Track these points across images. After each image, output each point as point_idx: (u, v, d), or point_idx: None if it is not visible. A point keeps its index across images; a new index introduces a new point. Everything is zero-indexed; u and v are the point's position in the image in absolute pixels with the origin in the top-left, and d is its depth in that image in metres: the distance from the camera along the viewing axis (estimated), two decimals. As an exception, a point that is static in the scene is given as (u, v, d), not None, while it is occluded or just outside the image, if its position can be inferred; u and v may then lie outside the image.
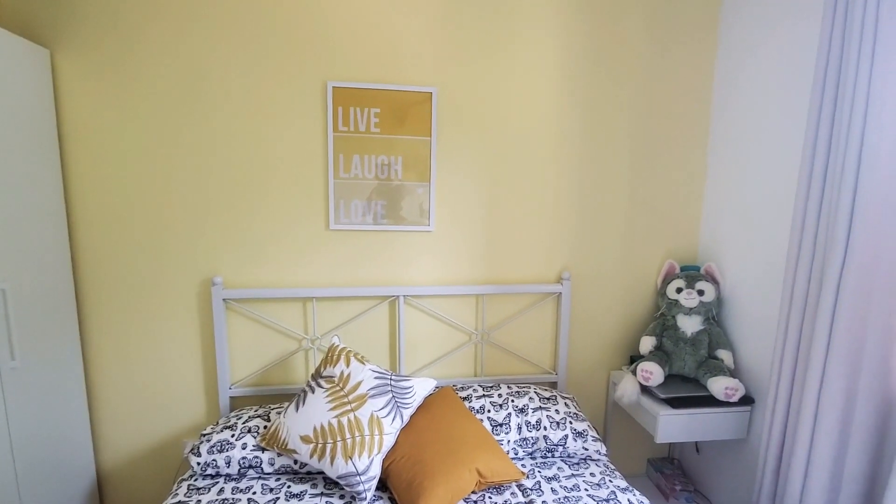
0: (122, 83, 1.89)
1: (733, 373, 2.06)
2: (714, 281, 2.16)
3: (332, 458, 1.56)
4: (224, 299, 2.00)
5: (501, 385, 2.09)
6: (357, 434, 1.59)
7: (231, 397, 2.08)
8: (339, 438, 1.58)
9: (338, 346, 1.84)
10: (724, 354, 2.06)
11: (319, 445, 1.59)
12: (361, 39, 1.99)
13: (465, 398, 1.97)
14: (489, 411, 1.91)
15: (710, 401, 1.95)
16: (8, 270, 1.60)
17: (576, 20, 2.11)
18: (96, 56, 1.87)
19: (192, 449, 1.70)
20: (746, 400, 1.95)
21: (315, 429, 1.61)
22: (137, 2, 1.86)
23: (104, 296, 1.99)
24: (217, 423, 1.85)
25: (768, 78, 1.92)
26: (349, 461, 1.55)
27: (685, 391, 2.00)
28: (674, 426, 1.92)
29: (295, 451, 1.62)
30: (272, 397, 2.13)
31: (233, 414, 1.91)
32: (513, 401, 1.96)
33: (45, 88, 1.81)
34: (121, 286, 2.00)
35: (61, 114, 1.89)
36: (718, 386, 1.91)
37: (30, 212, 1.71)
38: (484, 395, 1.99)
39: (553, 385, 2.33)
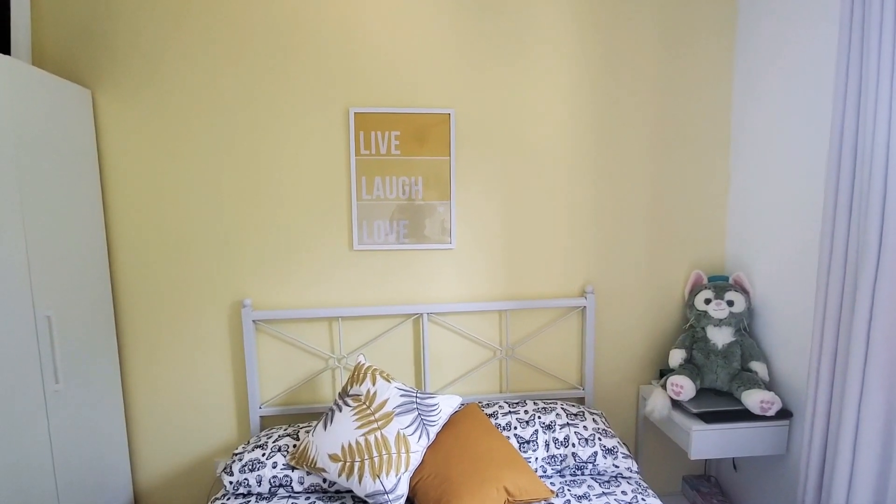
0: (159, 120, 2.01)
1: (768, 385, 1.99)
2: (744, 291, 2.10)
3: (361, 477, 1.57)
4: (254, 320, 2.06)
5: (527, 401, 2.07)
6: (384, 452, 1.60)
7: (261, 416, 2.13)
8: (366, 457, 1.60)
9: (363, 364, 1.87)
10: (757, 366, 2.00)
11: (348, 464, 1.60)
12: (381, 66, 2.06)
13: (490, 415, 1.97)
14: (516, 428, 1.89)
15: (746, 415, 1.88)
16: (53, 299, 1.69)
17: (588, 31, 2.12)
18: (135, 95, 2.00)
19: (225, 468, 1.74)
20: (784, 413, 1.88)
21: (343, 447, 1.63)
22: (172, 44, 1.98)
23: (141, 322, 2.08)
24: (248, 442, 1.89)
25: (789, 81, 1.89)
26: (377, 479, 1.56)
27: (718, 405, 1.94)
28: (708, 442, 1.87)
29: (324, 470, 1.64)
30: (301, 416, 2.16)
31: (263, 433, 1.95)
32: (539, 417, 1.94)
33: (87, 127, 1.93)
34: (156, 312, 2.08)
35: (102, 150, 2.01)
36: (753, 399, 1.85)
37: (73, 244, 1.81)
38: (510, 412, 1.98)
39: (580, 401, 2.30)
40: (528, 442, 1.85)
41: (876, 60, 1.35)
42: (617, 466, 1.82)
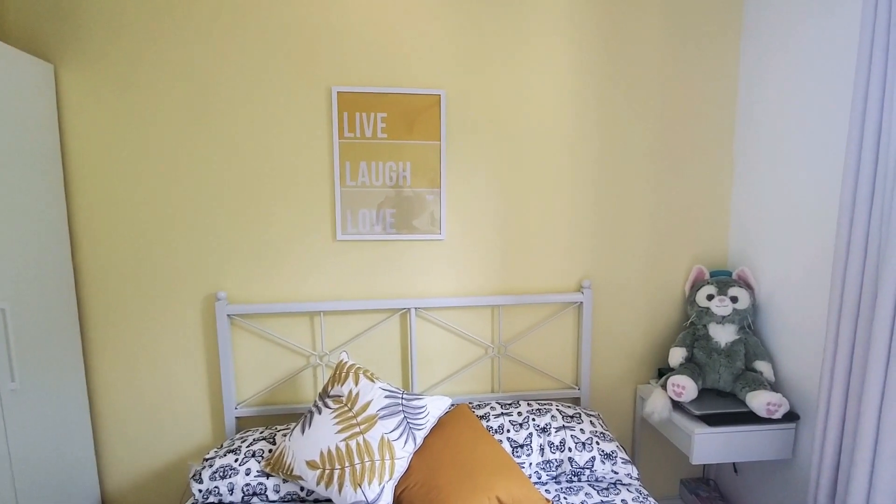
0: (126, 96, 1.85)
1: (774, 386, 1.90)
2: (748, 286, 2.00)
3: (341, 486, 1.44)
4: (229, 315, 1.92)
5: (521, 402, 1.95)
6: (367, 459, 1.48)
7: (237, 417, 1.99)
8: (347, 464, 1.47)
9: (346, 362, 1.74)
10: (762, 366, 1.90)
11: (326, 472, 1.47)
12: (366, 42, 1.92)
13: (482, 417, 1.85)
14: (508, 431, 1.78)
15: (750, 417, 1.79)
16: (8, 289, 1.55)
17: (590, 18, 2.01)
18: (100, 70, 1.83)
19: (194, 475, 1.61)
20: (790, 416, 1.79)
21: (322, 453, 1.50)
22: (141, 16, 1.82)
23: (107, 314, 1.93)
24: (221, 446, 1.75)
25: (799, 69, 1.79)
26: (358, 489, 1.43)
27: (722, 407, 1.84)
28: (711, 445, 1.77)
29: (301, 478, 1.51)
30: (280, 417, 2.03)
31: (237, 436, 1.81)
32: (534, 419, 1.82)
33: (48, 103, 1.78)
34: (124, 303, 1.93)
35: (64, 128, 1.85)
36: (759, 401, 1.75)
37: (31, 228, 1.67)
38: (503, 413, 1.86)
39: (576, 401, 2.19)
40: (521, 446, 1.74)
41: None
42: (616, 472, 1.71)
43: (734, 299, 1.96)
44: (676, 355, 2.02)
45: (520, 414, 1.85)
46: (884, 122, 1.33)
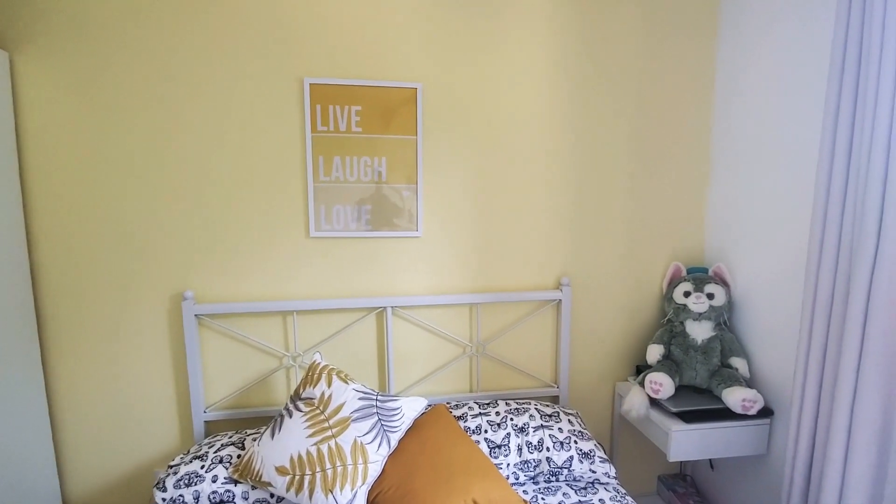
0: (87, 88, 1.75)
1: (749, 382, 1.91)
2: (724, 283, 2.01)
3: (311, 492, 1.39)
4: (196, 315, 1.84)
5: (499, 402, 1.93)
6: (339, 464, 1.43)
7: (206, 422, 1.92)
8: (318, 469, 1.42)
9: (319, 363, 1.69)
10: (738, 362, 1.91)
11: (297, 477, 1.42)
12: (340, 32, 1.86)
13: (459, 417, 1.81)
14: (486, 431, 1.75)
15: (726, 414, 1.79)
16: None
17: (568, 14, 1.98)
18: (59, 59, 1.73)
19: (158, 483, 1.54)
20: (765, 412, 1.80)
21: (292, 458, 1.45)
22: (106, 4, 1.72)
23: (67, 313, 1.83)
24: (187, 451, 1.68)
25: (774, 69, 1.80)
26: (329, 495, 1.38)
27: (698, 404, 1.85)
28: (688, 442, 1.77)
29: (270, 484, 1.46)
30: (252, 421, 1.97)
31: (205, 441, 1.74)
32: (512, 419, 1.80)
33: (3, 94, 1.67)
34: (86, 304, 1.84)
35: (20, 120, 1.74)
36: (735, 398, 1.75)
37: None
38: (480, 413, 1.83)
39: (555, 399, 2.17)
40: (499, 447, 1.71)
41: (879, 38, 1.24)
42: (594, 472, 1.70)
43: (710, 296, 1.96)
44: (654, 352, 2.02)
45: (498, 414, 1.83)
46: (856, 122, 1.34)
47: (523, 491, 1.66)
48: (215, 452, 1.63)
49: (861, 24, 1.31)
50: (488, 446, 1.71)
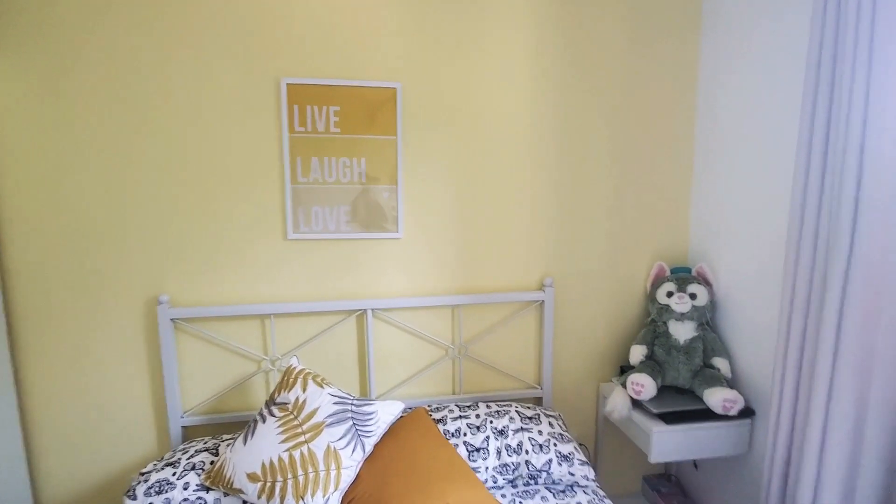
0: (55, 86, 1.71)
1: (731, 382, 1.90)
2: (707, 283, 2.00)
3: (283, 499, 1.37)
4: (172, 319, 1.81)
5: (480, 404, 1.91)
6: (311, 470, 1.40)
7: (183, 427, 1.89)
8: (290, 475, 1.39)
9: (295, 367, 1.66)
10: (720, 363, 1.90)
11: (268, 484, 1.40)
12: (318, 31, 1.83)
13: (439, 420, 1.79)
14: (465, 435, 1.73)
15: (708, 414, 1.78)
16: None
17: (550, 14, 1.97)
18: (25, 55, 1.68)
19: (128, 491, 1.51)
20: (746, 412, 1.79)
21: (264, 464, 1.42)
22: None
23: (39, 317, 1.79)
24: (161, 458, 1.65)
25: (755, 70, 1.80)
26: (301, 501, 1.36)
27: (680, 404, 1.84)
28: (669, 443, 1.76)
29: (241, 491, 1.43)
30: (230, 426, 1.93)
31: (180, 448, 1.72)
32: (492, 422, 1.78)
33: (-36, 92, 1.64)
34: (59, 307, 1.80)
35: (-12, 120, 1.71)
36: (716, 398, 1.74)
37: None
38: (460, 416, 1.81)
39: (538, 401, 2.16)
40: (478, 450, 1.69)
41: (853, 41, 1.25)
42: (573, 474, 1.68)
43: (693, 296, 1.95)
44: (637, 353, 2.01)
45: (478, 416, 1.81)
46: (831, 123, 1.33)
47: (501, 495, 1.64)
48: (188, 459, 1.60)
49: (836, 25, 1.31)
50: (467, 450, 1.69)
